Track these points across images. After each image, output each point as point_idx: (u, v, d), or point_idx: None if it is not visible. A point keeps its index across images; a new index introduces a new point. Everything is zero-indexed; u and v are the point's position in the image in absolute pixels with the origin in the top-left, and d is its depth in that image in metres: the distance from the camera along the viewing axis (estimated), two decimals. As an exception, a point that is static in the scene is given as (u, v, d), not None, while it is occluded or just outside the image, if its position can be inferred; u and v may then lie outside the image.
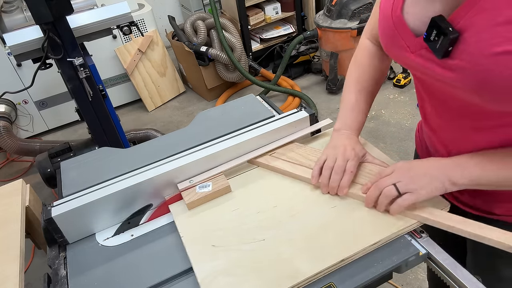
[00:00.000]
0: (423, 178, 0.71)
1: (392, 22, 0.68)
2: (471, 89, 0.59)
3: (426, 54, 0.64)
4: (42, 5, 1.55)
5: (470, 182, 0.69)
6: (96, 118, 1.95)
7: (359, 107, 0.89)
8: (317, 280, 0.70)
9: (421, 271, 1.78)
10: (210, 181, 0.90)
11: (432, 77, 0.66)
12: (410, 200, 0.72)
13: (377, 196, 0.76)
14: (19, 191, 1.24)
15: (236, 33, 3.00)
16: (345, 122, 0.89)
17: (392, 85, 3.02)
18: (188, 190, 0.89)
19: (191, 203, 0.86)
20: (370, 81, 0.90)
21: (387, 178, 0.75)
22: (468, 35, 0.56)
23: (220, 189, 0.88)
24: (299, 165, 0.90)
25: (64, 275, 0.79)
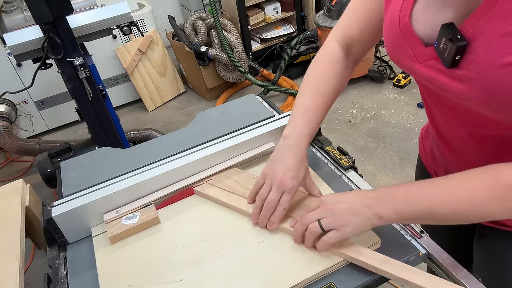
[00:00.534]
0: (347, 214, 0.67)
1: (399, 29, 0.65)
2: (479, 100, 0.57)
3: (434, 65, 0.61)
4: (42, 5, 1.55)
5: (395, 215, 0.65)
6: (96, 118, 1.95)
7: (313, 112, 0.81)
8: (317, 280, 0.70)
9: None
10: (139, 211, 0.85)
11: (439, 87, 0.64)
12: (335, 238, 0.68)
13: (303, 231, 0.72)
14: (19, 191, 1.24)
15: (236, 33, 3.00)
16: (295, 128, 0.80)
17: (392, 85, 3.02)
18: (113, 221, 0.84)
19: (113, 236, 0.81)
20: (328, 87, 0.82)
21: (312, 213, 0.71)
22: (477, 45, 0.54)
23: (147, 220, 0.83)
24: (234, 194, 0.86)
25: (64, 275, 0.79)
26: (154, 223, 0.84)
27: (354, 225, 0.67)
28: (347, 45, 0.84)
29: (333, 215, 0.68)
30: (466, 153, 0.74)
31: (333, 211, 0.69)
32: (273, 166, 0.78)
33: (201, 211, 0.86)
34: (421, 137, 0.97)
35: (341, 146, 0.98)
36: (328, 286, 0.69)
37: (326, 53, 0.85)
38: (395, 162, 2.39)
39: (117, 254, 0.80)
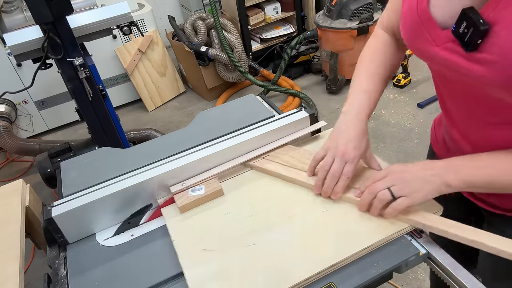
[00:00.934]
0: (417, 182, 0.70)
1: (417, 14, 0.67)
2: (499, 84, 0.58)
3: (452, 47, 0.63)
4: (42, 5, 1.55)
5: (464, 184, 0.68)
6: (96, 118, 1.95)
7: (370, 90, 0.84)
8: (317, 280, 0.70)
9: (421, 271, 1.78)
10: (203, 184, 0.90)
11: (457, 71, 0.65)
12: (405, 204, 0.71)
13: (371, 200, 0.75)
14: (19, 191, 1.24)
15: (236, 33, 3.00)
16: (354, 104, 0.84)
17: (392, 85, 3.02)
18: (180, 193, 0.89)
19: (183, 206, 0.86)
20: (382, 66, 0.86)
21: (381, 182, 0.74)
22: (498, 28, 0.55)
23: (212, 192, 0.87)
24: (292, 168, 0.89)
25: (64, 275, 0.79)
26: (219, 195, 0.89)
27: (423, 192, 0.70)
28: (392, 32, 0.87)
29: (403, 182, 0.71)
30: (483, 142, 0.75)
31: (403, 179, 0.72)
32: (335, 139, 0.81)
33: (261, 184, 0.90)
34: (433, 127, 0.99)
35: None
36: (328, 286, 0.69)
37: (376, 39, 0.90)
38: (395, 162, 2.39)
39: (187, 223, 0.84)
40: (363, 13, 2.74)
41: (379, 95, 0.86)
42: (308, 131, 1.00)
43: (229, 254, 0.75)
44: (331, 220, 0.78)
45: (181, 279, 0.75)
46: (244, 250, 0.75)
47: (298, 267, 0.70)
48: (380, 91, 0.86)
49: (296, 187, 0.87)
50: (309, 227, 0.78)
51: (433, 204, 0.76)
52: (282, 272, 0.70)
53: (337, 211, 0.80)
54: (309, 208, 0.82)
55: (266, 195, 0.87)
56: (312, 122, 1.01)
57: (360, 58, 0.90)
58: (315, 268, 0.69)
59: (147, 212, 0.90)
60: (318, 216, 0.80)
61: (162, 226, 0.87)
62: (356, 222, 0.77)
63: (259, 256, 0.74)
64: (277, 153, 0.96)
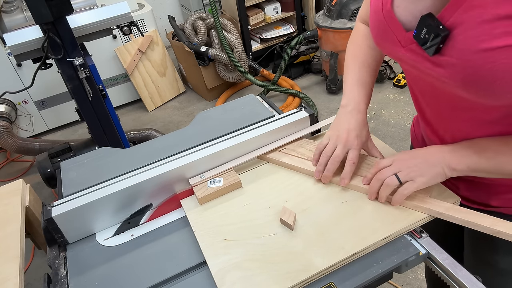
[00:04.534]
0: (422, 166, 0.72)
1: (383, 15, 0.68)
2: (459, 84, 0.60)
3: (416, 49, 0.64)
4: (42, 5, 1.55)
5: (468, 168, 0.69)
6: (96, 118, 1.95)
7: (364, 80, 0.86)
8: (317, 280, 0.70)
9: (421, 271, 1.78)
10: (221, 176, 0.91)
11: (422, 71, 0.67)
12: (412, 188, 0.72)
13: (378, 187, 0.76)
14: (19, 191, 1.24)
15: (236, 33, 3.00)
16: (352, 97, 0.85)
17: (392, 85, 3.02)
18: (199, 185, 0.90)
19: (202, 198, 0.87)
20: (369, 57, 0.88)
21: (387, 169, 0.75)
22: (457, 32, 0.57)
23: (231, 184, 0.89)
24: (308, 161, 0.90)
25: (64, 275, 0.79)
26: (237, 187, 0.90)
27: (429, 175, 0.71)
28: None
29: (408, 167, 0.73)
30: (450, 138, 0.77)
31: (408, 164, 0.73)
32: (337, 128, 0.83)
33: (279, 177, 0.91)
34: (412, 125, 1.00)
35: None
36: (328, 286, 0.69)
37: (358, 32, 0.91)
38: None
39: (207, 214, 0.85)
40: (363, 13, 2.74)
41: (373, 84, 0.88)
42: (308, 131, 1.00)
43: (250, 244, 0.76)
44: (349, 211, 0.79)
45: (181, 279, 0.75)
46: (265, 240, 0.76)
47: (318, 256, 0.71)
48: (372, 82, 0.88)
49: (313, 179, 0.88)
50: (327, 218, 0.79)
51: (450, 195, 0.77)
52: (303, 261, 0.71)
53: (356, 202, 0.81)
54: (327, 199, 0.83)
55: (284, 187, 0.88)
56: (312, 122, 1.01)
57: (347, 52, 0.91)
58: (335, 258, 0.70)
59: (147, 212, 0.90)
60: (337, 207, 0.80)
61: (162, 226, 0.87)
62: (375, 213, 0.78)
63: (279, 245, 0.75)
64: (294, 146, 0.97)
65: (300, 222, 0.79)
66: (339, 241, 0.73)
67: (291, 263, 0.71)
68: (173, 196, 0.91)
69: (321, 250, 0.73)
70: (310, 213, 0.80)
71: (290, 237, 0.76)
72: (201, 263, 0.76)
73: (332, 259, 0.70)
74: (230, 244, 0.77)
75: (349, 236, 0.74)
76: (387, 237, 0.73)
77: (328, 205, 0.81)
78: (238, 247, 0.76)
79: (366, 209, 0.79)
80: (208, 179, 0.91)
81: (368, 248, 0.72)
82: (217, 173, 0.92)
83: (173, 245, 0.82)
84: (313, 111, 1.01)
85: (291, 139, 0.98)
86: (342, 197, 0.82)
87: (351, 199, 0.82)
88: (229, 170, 0.93)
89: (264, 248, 0.75)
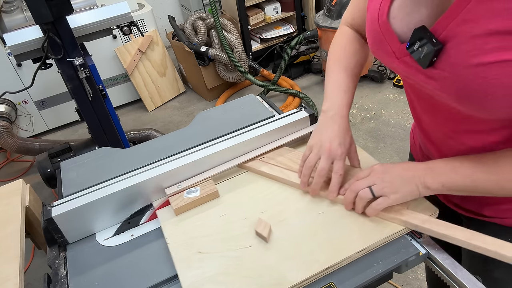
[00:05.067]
0: (397, 182, 0.71)
1: (379, 26, 0.67)
2: (452, 97, 0.60)
3: (410, 61, 0.64)
4: (42, 5, 1.55)
5: (442, 187, 0.68)
6: (96, 118, 1.95)
7: (346, 85, 0.84)
8: (317, 280, 0.70)
9: (421, 271, 1.78)
10: (198, 186, 0.89)
11: (416, 83, 0.67)
12: (385, 204, 0.71)
13: (353, 198, 0.75)
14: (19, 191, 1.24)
15: (236, 33, 3.00)
16: (334, 102, 0.82)
17: (392, 85, 3.02)
18: (176, 195, 0.88)
19: (178, 208, 0.85)
20: (352, 61, 0.86)
21: (362, 180, 0.74)
22: (449, 46, 0.57)
23: (208, 194, 0.87)
24: (288, 170, 0.89)
25: (64, 275, 0.79)
26: (214, 197, 0.88)
27: (402, 192, 0.70)
28: (356, 30, 0.88)
29: (383, 182, 0.72)
30: (444, 145, 0.77)
31: (384, 178, 0.72)
32: (319, 137, 0.81)
33: (257, 186, 0.90)
34: (411, 131, 1.00)
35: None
36: (328, 286, 0.69)
37: (342, 35, 0.89)
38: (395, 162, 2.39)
39: (183, 225, 0.83)
40: (363, 13, 2.74)
41: (355, 88, 0.86)
42: (308, 131, 1.00)
43: (224, 257, 0.74)
44: (326, 222, 0.78)
45: (181, 279, 0.75)
46: (239, 253, 0.74)
47: (292, 270, 0.70)
48: (355, 86, 0.86)
49: (292, 188, 0.87)
50: (304, 229, 0.77)
51: (428, 207, 0.76)
52: (276, 275, 0.70)
53: (333, 213, 0.79)
54: (305, 210, 0.81)
55: (261, 197, 0.86)
56: (312, 122, 1.01)
57: (330, 55, 0.89)
58: (309, 271, 0.69)
59: (147, 212, 0.90)
60: (314, 218, 0.79)
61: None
62: (352, 224, 0.76)
63: (254, 258, 0.73)
64: (273, 155, 0.95)
65: (276, 234, 0.77)
66: (314, 253, 0.72)
67: (265, 277, 0.69)
68: (173, 196, 0.91)
69: (296, 263, 0.71)
70: (287, 225, 0.79)
71: (265, 250, 0.74)
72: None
73: (306, 273, 0.69)
74: (204, 257, 0.75)
75: (324, 249, 0.72)
76: (363, 249, 0.71)
77: (305, 216, 0.80)
78: (212, 260, 0.74)
79: (343, 221, 0.77)
80: (185, 189, 0.89)
81: (343, 261, 0.71)
82: (194, 183, 0.90)
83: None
84: (313, 111, 1.01)
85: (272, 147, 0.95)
86: (320, 207, 0.81)
87: (329, 210, 0.80)
88: (207, 179, 0.91)
89: (238, 261, 0.73)
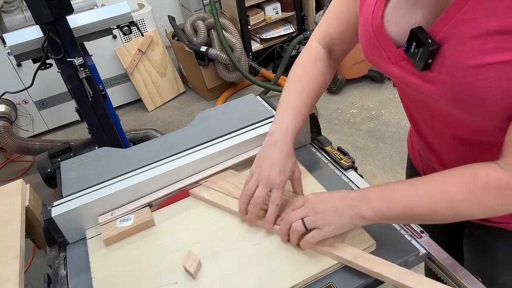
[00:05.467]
0: (330, 214, 0.68)
1: (373, 31, 0.66)
2: (449, 102, 0.59)
3: (406, 66, 0.63)
4: (42, 5, 1.55)
5: (376, 216, 0.65)
6: (96, 118, 1.95)
7: (298, 109, 0.81)
8: (317, 280, 0.70)
9: (421, 271, 1.77)
10: (133, 214, 0.85)
11: (412, 88, 0.65)
12: (318, 237, 0.68)
13: (287, 229, 0.72)
14: (19, 191, 1.24)
15: (236, 33, 3.00)
16: (279, 125, 0.80)
17: (392, 85, 3.01)
18: (108, 223, 0.83)
19: (108, 239, 0.81)
20: (312, 84, 0.83)
21: (296, 212, 0.71)
22: (446, 47, 0.55)
23: (142, 222, 0.83)
24: (229, 196, 0.85)
25: (64, 275, 0.79)
26: (149, 225, 0.84)
27: (336, 224, 0.67)
28: (327, 46, 0.85)
29: (316, 213, 0.69)
30: (444, 152, 0.75)
31: (316, 210, 0.69)
32: (259, 163, 0.78)
33: (196, 213, 0.86)
34: (409, 136, 0.98)
35: (341, 146, 0.98)
36: (328, 286, 0.69)
37: (308, 53, 0.87)
38: (395, 162, 2.39)
39: (112, 256, 0.79)
40: (363, 13, 2.74)
41: (308, 112, 0.83)
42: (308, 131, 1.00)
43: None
44: (260, 255, 0.74)
45: (181, 279, 0.75)
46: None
47: None
48: (309, 108, 0.83)
49: (232, 216, 0.83)
50: (236, 263, 0.73)
51: (366, 239, 0.73)
52: None
53: (269, 244, 0.75)
54: (240, 241, 0.77)
55: (198, 226, 0.82)
56: (312, 122, 1.01)
57: (291, 73, 0.86)
58: None
59: (147, 212, 0.90)
60: (248, 250, 0.75)
61: (162, 226, 0.86)
62: (285, 257, 0.73)
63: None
64: (216, 179, 0.90)
65: (206, 269, 0.73)
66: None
67: None
68: (173, 196, 0.91)
69: None
70: (218, 257, 0.75)
71: (191, 287, 0.70)
72: None
73: None
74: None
75: (252, 285, 0.69)
76: (294, 285, 0.68)
77: (240, 247, 0.76)
78: None
79: (277, 253, 0.74)
80: (118, 217, 0.84)
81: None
82: (128, 210, 0.85)
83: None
84: (313, 111, 1.01)
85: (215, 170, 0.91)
86: (256, 238, 0.77)
87: (265, 241, 0.76)
88: (143, 206, 0.86)
89: None
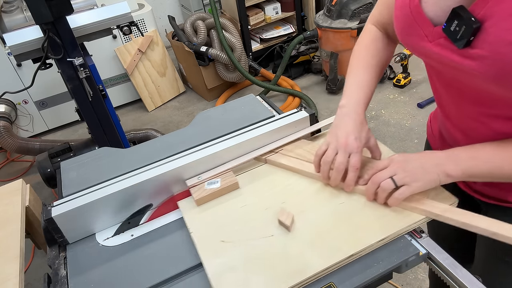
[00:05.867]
0: (418, 171, 0.72)
1: (410, 11, 0.68)
2: (490, 77, 0.60)
3: (444, 43, 0.64)
4: (42, 5, 1.55)
5: (463, 174, 0.69)
6: (96, 118, 1.95)
7: (366, 82, 0.86)
8: (317, 280, 0.70)
9: (421, 271, 1.78)
10: (219, 177, 0.91)
11: (450, 66, 0.66)
12: (407, 193, 0.73)
13: (375, 189, 0.76)
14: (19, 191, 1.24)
15: (236, 33, 3.00)
16: (351, 97, 0.85)
17: (392, 85, 3.02)
18: (196, 186, 0.89)
19: (200, 199, 0.86)
20: (375, 61, 0.88)
21: (384, 171, 0.75)
22: (488, 25, 0.57)
23: (228, 185, 0.88)
24: (307, 162, 0.90)
25: (64, 275, 0.79)
26: (235, 188, 0.90)
27: (424, 181, 0.71)
28: (382, 28, 0.89)
29: (404, 171, 0.73)
30: (474, 132, 0.76)
31: (404, 168, 0.73)
32: (335, 132, 0.82)
33: (276, 178, 0.91)
34: (429, 121, 1.00)
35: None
36: (328, 286, 0.69)
37: (366, 34, 0.91)
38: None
39: (204, 215, 0.85)
40: (363, 13, 2.74)
41: (374, 86, 0.88)
42: (308, 131, 1.00)
43: (247, 246, 0.76)
44: (346, 212, 0.79)
45: (180, 280, 0.75)
46: (262, 242, 0.76)
47: (315, 258, 0.71)
48: (375, 83, 0.88)
49: (311, 180, 0.88)
50: (325, 219, 0.78)
51: (448, 196, 0.77)
52: (300, 263, 0.71)
53: (353, 203, 0.80)
54: (325, 201, 0.82)
55: (281, 189, 0.88)
56: (312, 122, 1.01)
57: (354, 53, 0.91)
58: (332, 259, 0.70)
59: (147, 212, 0.90)
60: (334, 208, 0.80)
61: (162, 226, 0.87)
62: (372, 214, 0.77)
63: (276, 247, 0.75)
64: (291, 147, 0.96)
65: (298, 224, 0.78)
66: (336, 242, 0.73)
67: (288, 264, 0.71)
68: (173, 196, 0.91)
69: (318, 251, 0.72)
70: (308, 215, 0.80)
71: (287, 239, 0.76)
72: (198, 264, 0.76)
73: (329, 260, 0.70)
74: (227, 246, 0.76)
75: (346, 238, 0.74)
76: (384, 238, 0.73)
77: (326, 207, 0.81)
78: (235, 249, 0.75)
79: (364, 210, 0.79)
80: (205, 180, 0.90)
81: (365, 249, 0.72)
82: (214, 174, 0.91)
83: (173, 245, 0.82)
84: (313, 111, 1.01)
85: (290, 140, 0.97)
86: (340, 198, 0.82)
87: (349, 201, 0.81)
88: (227, 171, 0.92)
89: (261, 250, 0.75)
